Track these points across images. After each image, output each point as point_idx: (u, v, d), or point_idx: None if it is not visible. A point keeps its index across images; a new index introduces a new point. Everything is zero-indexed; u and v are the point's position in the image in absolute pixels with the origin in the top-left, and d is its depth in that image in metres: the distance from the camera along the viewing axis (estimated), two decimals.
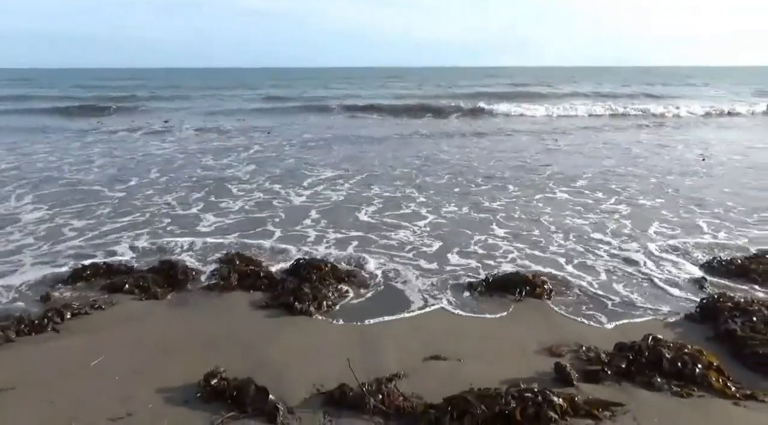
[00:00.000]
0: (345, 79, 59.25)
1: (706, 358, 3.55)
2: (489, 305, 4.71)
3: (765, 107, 25.79)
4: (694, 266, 5.58)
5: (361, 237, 6.53)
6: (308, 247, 6.18)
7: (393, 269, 5.49)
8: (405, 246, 6.19)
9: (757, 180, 9.84)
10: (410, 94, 33.61)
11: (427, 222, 7.15)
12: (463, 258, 5.83)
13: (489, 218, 7.35)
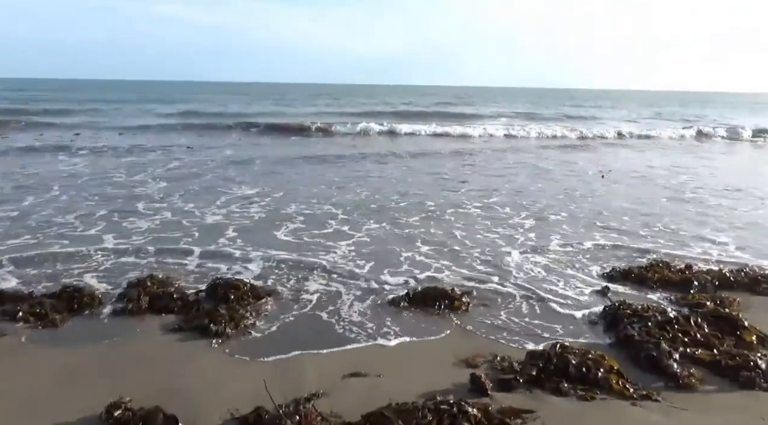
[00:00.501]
0: (272, 95, 58.38)
1: (608, 362, 3.79)
2: (410, 319, 4.77)
3: (672, 131, 26.91)
4: (597, 277, 5.96)
5: (282, 255, 6.42)
6: (227, 265, 6.00)
7: (318, 287, 5.45)
8: (329, 264, 6.16)
9: (648, 196, 10.70)
10: (328, 112, 33.20)
11: (352, 241, 7.15)
12: (392, 276, 5.87)
13: (410, 233, 7.48)
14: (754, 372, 3.74)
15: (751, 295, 5.44)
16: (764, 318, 4.82)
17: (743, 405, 3.49)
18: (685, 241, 7.39)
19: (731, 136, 25.89)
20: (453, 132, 24.46)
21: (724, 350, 4.12)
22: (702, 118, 37.29)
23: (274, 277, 5.71)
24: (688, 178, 13.21)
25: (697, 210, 9.38)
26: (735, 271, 5.87)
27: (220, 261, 6.16)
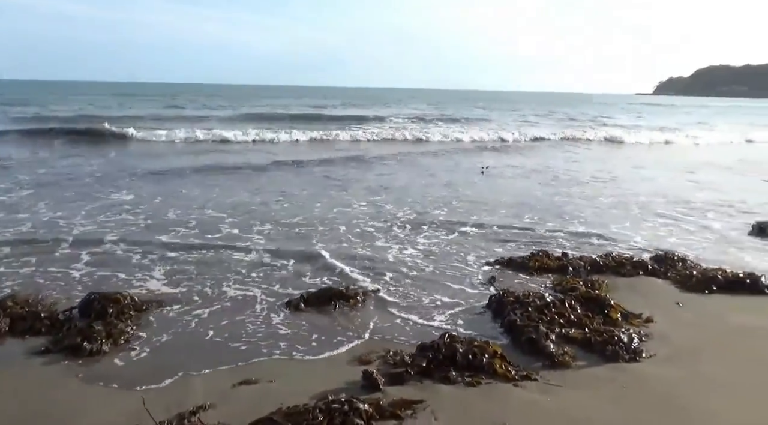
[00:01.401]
0: (142, 95, 54.28)
1: (492, 348, 3.98)
2: (305, 321, 4.71)
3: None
4: (486, 266, 6.27)
5: (168, 262, 6.08)
6: (106, 276, 5.57)
7: (210, 292, 5.22)
8: (221, 269, 5.93)
9: (528, 190, 11.49)
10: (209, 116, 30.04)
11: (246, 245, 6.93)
12: (285, 279, 5.76)
13: (301, 232, 7.41)
14: (617, 345, 4.12)
15: (617, 277, 5.99)
16: (627, 297, 5.34)
17: (610, 377, 3.83)
18: (561, 225, 8.02)
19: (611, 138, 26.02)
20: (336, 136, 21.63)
21: (594, 328, 4.50)
22: (577, 118, 40.18)
23: (161, 286, 5.39)
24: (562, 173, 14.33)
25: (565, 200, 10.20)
26: (603, 256, 6.43)
27: (97, 273, 5.71)
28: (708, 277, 5.74)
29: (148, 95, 55.00)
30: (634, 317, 4.81)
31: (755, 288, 5.53)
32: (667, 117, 44.81)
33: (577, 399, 3.50)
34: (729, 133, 29.44)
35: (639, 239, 7.63)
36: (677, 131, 29.15)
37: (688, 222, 8.77)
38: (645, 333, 4.50)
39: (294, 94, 70.79)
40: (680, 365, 4.00)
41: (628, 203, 10.16)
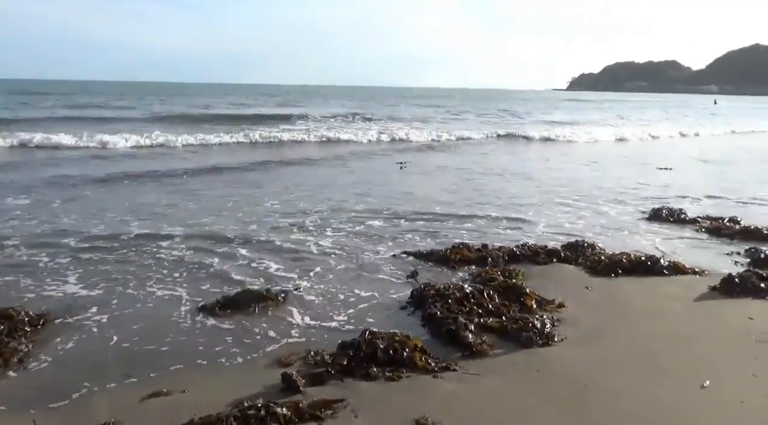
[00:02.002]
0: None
1: (413, 342, 4.01)
2: (221, 326, 4.54)
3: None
4: (407, 260, 6.32)
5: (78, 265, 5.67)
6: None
7: (120, 297, 4.90)
8: (135, 272, 5.59)
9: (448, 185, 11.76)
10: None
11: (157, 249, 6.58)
12: (202, 283, 5.52)
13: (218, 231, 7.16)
14: (532, 332, 4.27)
15: (532, 265, 6.23)
16: (542, 284, 5.57)
17: (525, 362, 3.96)
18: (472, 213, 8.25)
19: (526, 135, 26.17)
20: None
21: (510, 316, 4.64)
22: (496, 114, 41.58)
23: (62, 298, 5.01)
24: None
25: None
26: (520, 246, 6.66)
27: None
28: (614, 261, 6.09)
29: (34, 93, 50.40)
30: (547, 304, 5.02)
31: (655, 270, 5.93)
32: (579, 112, 47.21)
33: (494, 386, 3.59)
34: (634, 127, 31.56)
35: (545, 227, 8.02)
36: (587, 125, 30.90)
37: (591, 209, 9.32)
38: (557, 318, 4.70)
39: (210, 93, 68.23)
40: (589, 346, 4.21)
41: (539, 194, 10.64)
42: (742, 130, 32.73)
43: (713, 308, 5.07)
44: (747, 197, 10.90)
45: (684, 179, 13.27)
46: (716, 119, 41.10)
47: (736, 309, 4.97)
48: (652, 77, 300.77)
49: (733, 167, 16.23)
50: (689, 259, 6.40)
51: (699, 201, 10.38)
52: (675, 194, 11.02)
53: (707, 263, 6.39)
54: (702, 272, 5.97)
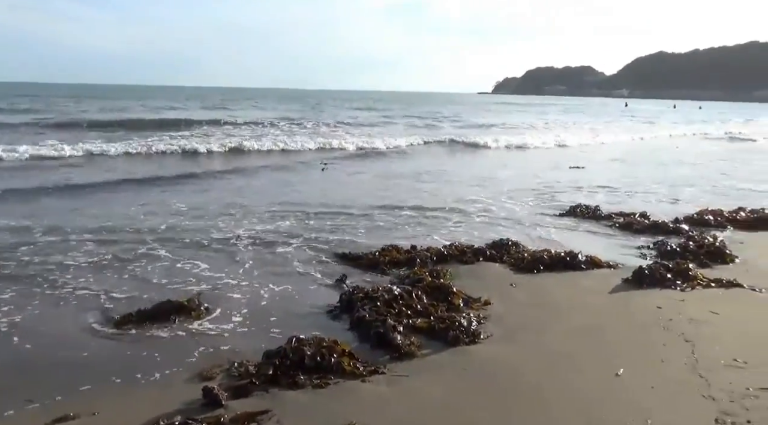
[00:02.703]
0: None
1: (341, 347, 3.95)
2: (137, 340, 4.27)
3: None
4: (336, 264, 6.25)
5: None
6: None
7: (20, 308, 4.49)
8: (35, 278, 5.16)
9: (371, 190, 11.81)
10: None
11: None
12: (119, 292, 5.18)
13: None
14: (458, 330, 4.33)
15: (460, 265, 6.34)
16: (469, 283, 5.67)
17: (452, 361, 4.00)
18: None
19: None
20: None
21: (438, 316, 4.68)
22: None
23: None
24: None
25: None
26: (447, 246, 6.76)
27: None
28: (536, 258, 6.32)
29: None
30: (474, 302, 5.11)
31: (574, 265, 6.21)
32: (500, 116, 48.58)
33: (422, 387, 3.60)
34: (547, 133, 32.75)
35: (469, 228, 8.22)
36: (509, 130, 31.69)
37: (509, 208, 9.64)
38: (484, 316, 4.80)
39: (133, 96, 64.74)
40: (513, 341, 4.33)
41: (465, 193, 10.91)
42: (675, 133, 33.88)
43: (626, 299, 5.36)
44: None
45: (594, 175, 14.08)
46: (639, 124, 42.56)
47: (646, 299, 5.28)
48: (570, 82, 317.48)
49: (635, 165, 17.40)
50: (605, 253, 6.74)
51: (595, 194, 11.15)
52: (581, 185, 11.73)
53: (621, 256, 6.77)
54: (616, 266, 6.31)
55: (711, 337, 4.36)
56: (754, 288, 5.54)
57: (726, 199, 11.01)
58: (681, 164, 17.79)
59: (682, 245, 6.92)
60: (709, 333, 4.44)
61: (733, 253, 6.70)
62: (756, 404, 3.36)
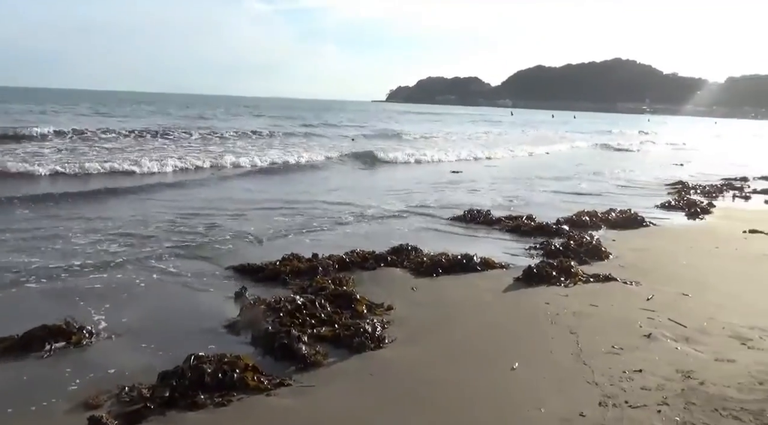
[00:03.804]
0: None
1: (243, 361, 3.80)
2: (5, 368, 3.81)
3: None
4: (235, 277, 6.02)
5: None
6: None
7: None
8: None
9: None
10: None
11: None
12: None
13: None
14: (363, 336, 4.35)
15: (362, 271, 6.38)
16: (372, 289, 5.72)
17: (358, 367, 4.02)
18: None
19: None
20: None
21: (342, 323, 4.67)
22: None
23: None
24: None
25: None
26: (349, 253, 6.77)
27: None
28: (435, 262, 6.52)
29: None
30: (377, 307, 5.17)
31: (470, 267, 6.50)
32: (405, 125, 49.21)
33: (329, 395, 3.57)
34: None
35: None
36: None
37: (401, 216, 9.93)
38: (387, 321, 4.86)
39: None
40: (417, 344, 4.43)
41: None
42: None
43: (518, 297, 5.71)
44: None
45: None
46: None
47: (535, 296, 5.66)
48: (459, 91, 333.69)
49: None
50: (497, 255, 7.13)
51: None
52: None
53: (511, 257, 7.20)
54: (508, 266, 6.69)
55: (592, 328, 4.77)
56: (626, 281, 6.14)
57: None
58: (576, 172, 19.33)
59: (564, 244, 7.50)
60: (591, 325, 4.85)
61: (608, 250, 7.38)
62: (631, 385, 3.72)
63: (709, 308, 5.26)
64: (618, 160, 25.37)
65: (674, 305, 5.35)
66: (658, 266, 6.83)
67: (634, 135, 47.74)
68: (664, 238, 8.61)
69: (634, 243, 8.10)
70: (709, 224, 9.90)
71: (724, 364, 4.06)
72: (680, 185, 14.91)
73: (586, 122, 75.85)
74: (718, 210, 11.10)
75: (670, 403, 3.48)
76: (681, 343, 4.45)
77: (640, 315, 5.07)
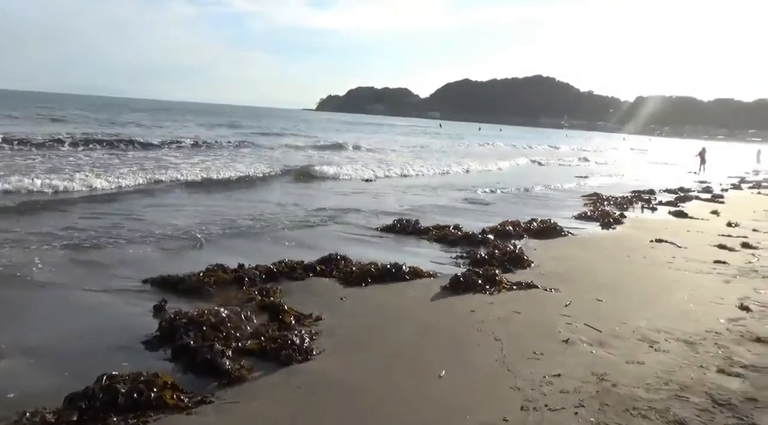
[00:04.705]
0: None
1: (162, 379, 3.61)
2: None
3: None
4: (153, 291, 5.72)
5: None
6: None
7: None
8: None
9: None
10: None
11: None
12: None
13: None
14: (291, 349, 4.26)
15: (290, 282, 6.27)
16: (300, 299, 5.64)
17: (285, 381, 3.92)
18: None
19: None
20: None
21: (269, 335, 4.55)
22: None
23: None
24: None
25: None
26: (276, 263, 6.62)
27: None
28: (364, 271, 6.52)
29: None
30: (305, 318, 5.09)
31: (399, 276, 6.55)
32: (343, 135, 48.30)
33: (254, 411, 3.46)
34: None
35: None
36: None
37: (337, 227, 9.92)
38: (316, 331, 4.80)
39: None
40: (345, 354, 4.40)
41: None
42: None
43: (445, 305, 5.81)
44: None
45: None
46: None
47: (461, 304, 5.78)
48: (390, 102, 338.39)
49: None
50: (425, 264, 7.24)
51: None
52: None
53: (439, 266, 7.33)
54: (435, 275, 6.81)
55: (515, 334, 4.93)
56: (546, 288, 6.42)
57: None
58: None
59: (489, 253, 7.74)
60: (514, 331, 5.02)
61: (530, 258, 7.68)
62: (551, 389, 3.88)
63: (621, 313, 5.60)
64: (543, 174, 26.59)
65: (590, 311, 5.64)
66: (575, 274, 7.19)
67: (567, 151, 49.88)
68: (580, 247, 9.09)
69: (554, 252, 8.49)
70: (620, 233, 10.56)
71: (634, 366, 4.33)
72: (595, 197, 15.85)
73: (515, 135, 78.82)
74: (628, 221, 11.89)
75: (586, 405, 3.65)
76: (596, 347, 4.70)
77: (559, 321, 5.30)
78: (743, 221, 12.20)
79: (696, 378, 4.13)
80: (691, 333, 5.07)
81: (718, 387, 3.98)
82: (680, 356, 4.55)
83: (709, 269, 7.68)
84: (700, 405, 3.71)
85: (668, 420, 3.51)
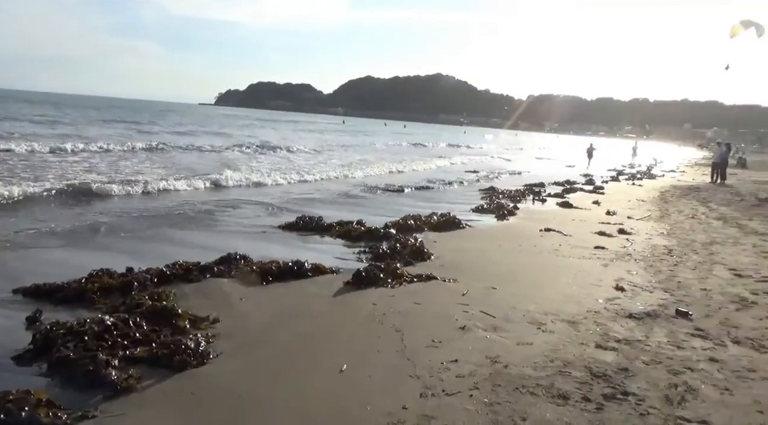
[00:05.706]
0: None
1: (35, 396, 3.30)
2: None
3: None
4: (25, 301, 5.21)
5: None
6: None
7: None
8: None
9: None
10: None
11: None
12: None
13: None
14: (185, 354, 4.06)
15: (185, 284, 5.97)
16: (196, 302, 5.39)
17: (178, 387, 3.73)
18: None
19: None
20: None
21: (161, 341, 4.30)
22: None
23: None
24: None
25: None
26: (170, 265, 6.23)
27: None
28: (265, 270, 6.37)
29: None
30: (201, 321, 4.87)
31: (300, 273, 6.47)
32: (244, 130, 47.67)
33: (141, 422, 3.26)
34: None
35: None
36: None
37: (235, 222, 9.64)
38: (213, 334, 4.61)
39: None
40: (245, 356, 4.26)
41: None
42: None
43: (348, 300, 5.83)
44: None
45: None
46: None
47: (364, 298, 5.83)
48: (292, 98, 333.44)
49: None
50: (329, 260, 7.21)
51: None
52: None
53: (342, 262, 7.33)
54: (338, 271, 6.80)
55: (415, 325, 5.06)
56: (445, 279, 6.64)
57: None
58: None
59: (391, 247, 7.87)
60: (414, 322, 5.14)
61: (430, 251, 7.91)
62: (448, 375, 4.02)
63: (513, 299, 5.93)
64: (445, 172, 27.48)
65: (485, 299, 5.92)
66: (472, 264, 7.51)
67: (473, 149, 51.27)
68: (477, 238, 9.51)
69: (453, 244, 8.81)
70: (513, 224, 11.19)
71: (524, 347, 4.60)
72: (491, 191, 16.66)
73: (419, 132, 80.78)
74: (521, 212, 12.62)
75: (480, 387, 3.83)
76: (490, 332, 4.94)
77: (456, 310, 5.51)
78: (620, 209, 13.41)
79: (577, 354, 4.48)
80: (574, 314, 5.49)
81: (596, 361, 4.34)
82: (564, 335, 4.91)
83: (590, 255, 8.35)
84: (580, 378, 4.02)
85: (553, 394, 3.77)
